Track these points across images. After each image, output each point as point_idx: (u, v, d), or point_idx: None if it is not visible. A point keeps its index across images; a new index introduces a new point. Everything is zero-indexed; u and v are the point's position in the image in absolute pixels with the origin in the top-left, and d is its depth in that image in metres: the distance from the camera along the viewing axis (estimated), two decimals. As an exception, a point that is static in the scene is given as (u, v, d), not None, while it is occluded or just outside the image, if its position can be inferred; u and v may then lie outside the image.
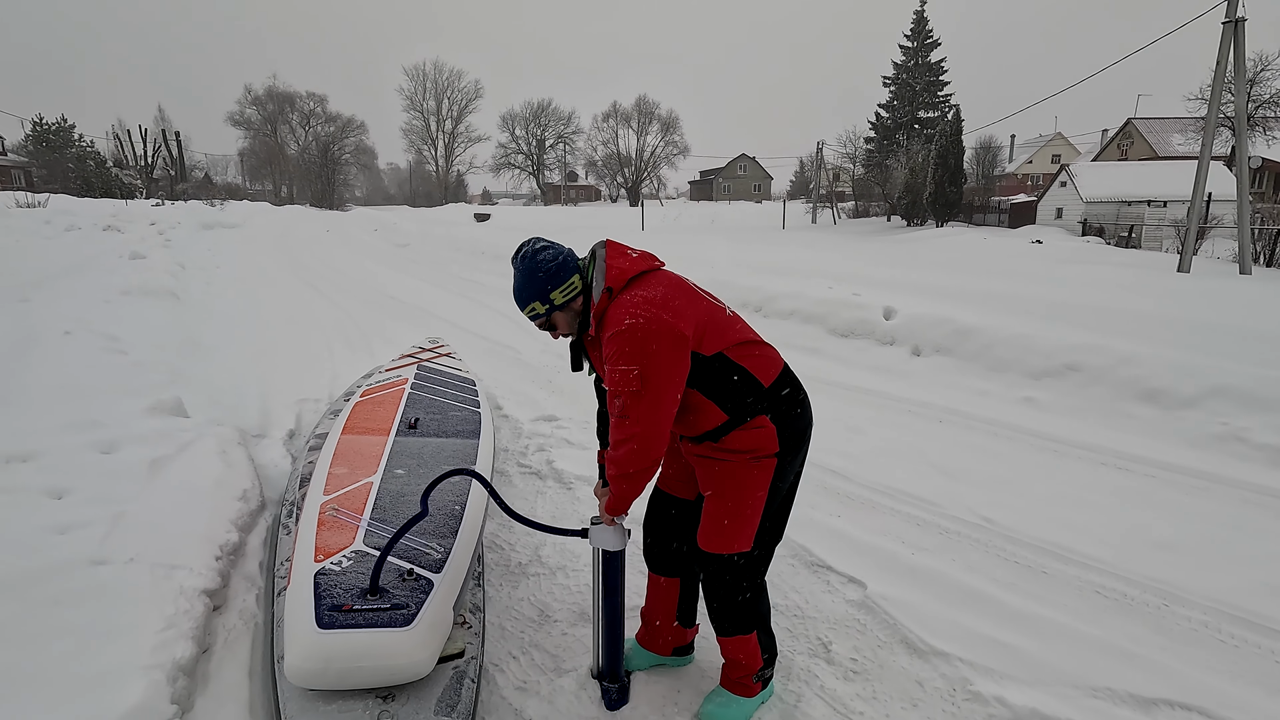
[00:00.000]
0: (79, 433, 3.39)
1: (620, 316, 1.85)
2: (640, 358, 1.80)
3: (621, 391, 1.83)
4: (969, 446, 4.36)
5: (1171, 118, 35.55)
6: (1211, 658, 2.41)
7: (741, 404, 1.93)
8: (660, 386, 1.82)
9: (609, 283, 1.92)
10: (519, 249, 2.00)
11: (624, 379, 1.82)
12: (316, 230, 26.11)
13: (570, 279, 1.96)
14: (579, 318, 2.01)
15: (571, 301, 1.98)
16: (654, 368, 1.81)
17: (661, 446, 1.88)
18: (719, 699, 2.16)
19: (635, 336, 1.81)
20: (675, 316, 1.85)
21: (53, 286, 8.14)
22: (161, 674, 1.95)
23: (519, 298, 2.00)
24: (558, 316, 2.00)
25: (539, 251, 1.97)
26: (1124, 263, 15.97)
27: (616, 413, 1.86)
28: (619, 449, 1.89)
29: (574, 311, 2.00)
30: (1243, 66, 14.60)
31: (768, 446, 1.94)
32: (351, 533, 2.31)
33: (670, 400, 1.85)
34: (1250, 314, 6.85)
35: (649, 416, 1.83)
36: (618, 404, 1.85)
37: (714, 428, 1.96)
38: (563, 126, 74.79)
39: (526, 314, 2.02)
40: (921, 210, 33.32)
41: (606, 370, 1.88)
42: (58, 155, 47.88)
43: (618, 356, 1.82)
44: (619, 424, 1.87)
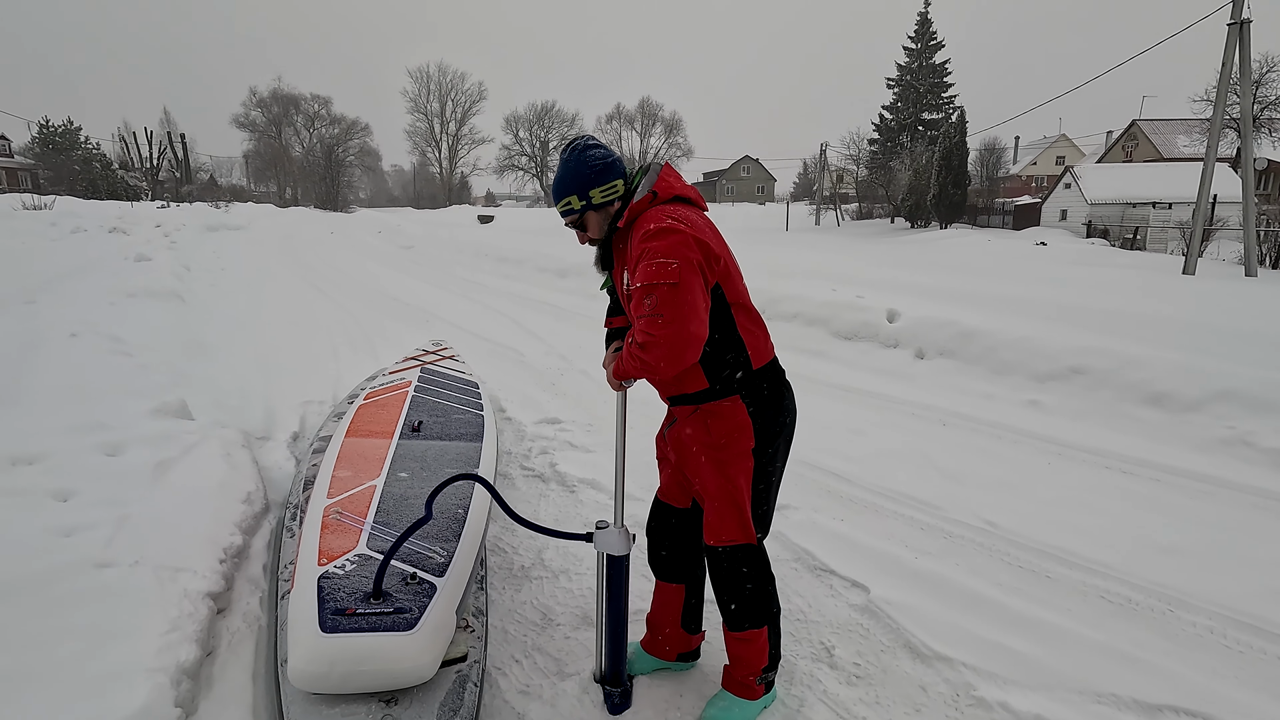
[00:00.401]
0: (84, 435, 3.40)
1: (661, 217, 1.81)
2: (679, 254, 1.75)
3: (658, 284, 1.73)
4: (973, 450, 4.35)
5: (1177, 119, 35.48)
6: (1217, 663, 2.40)
7: (726, 377, 1.93)
8: (694, 285, 1.76)
9: (656, 188, 1.90)
10: (569, 142, 1.97)
11: (661, 270, 1.73)
12: (321, 232, 26.20)
13: (613, 181, 1.93)
14: (610, 222, 1.97)
15: (609, 204, 1.95)
16: (690, 267, 1.76)
17: (697, 350, 1.78)
18: (722, 703, 2.16)
19: (676, 236, 1.77)
20: (710, 240, 1.84)
21: (59, 288, 8.18)
22: (165, 677, 1.95)
23: (557, 189, 1.96)
24: (590, 216, 1.96)
25: (589, 148, 1.94)
26: (1129, 265, 15.93)
27: (649, 310, 1.75)
28: (649, 350, 1.77)
29: (608, 215, 1.96)
30: (1248, 68, 14.56)
31: (742, 438, 1.94)
32: (355, 536, 2.31)
33: (701, 301, 1.77)
34: (1256, 316, 6.83)
35: (684, 315, 1.73)
36: (650, 301, 1.75)
37: (694, 391, 1.95)
38: (566, 128, 74.89)
39: (560, 208, 1.98)
40: (925, 212, 33.30)
41: (640, 266, 1.78)
42: (64, 157, 48.12)
43: (656, 250, 1.76)
44: (650, 322, 1.75)
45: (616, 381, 2.05)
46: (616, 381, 2.05)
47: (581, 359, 6.53)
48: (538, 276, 12.59)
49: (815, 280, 8.99)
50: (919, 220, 33.81)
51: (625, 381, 2.04)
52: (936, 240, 24.27)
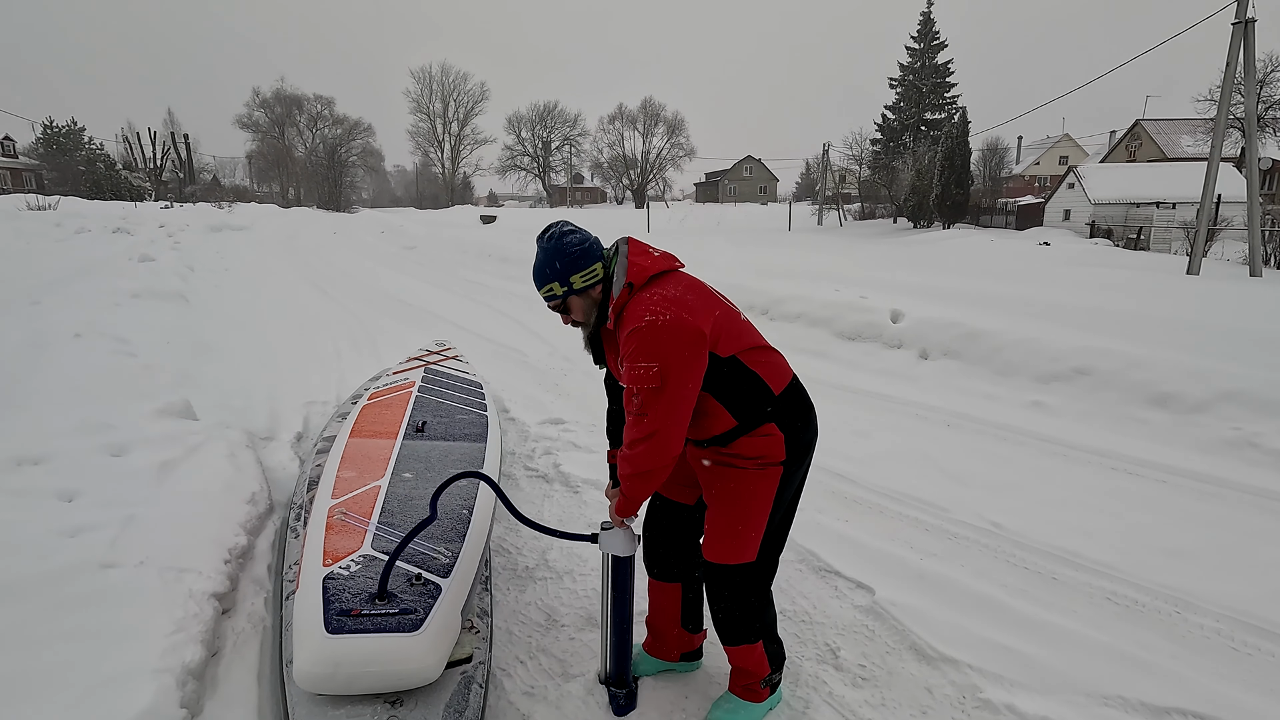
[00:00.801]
0: (89, 435, 3.41)
1: (640, 313, 1.84)
2: (660, 355, 1.80)
3: (640, 388, 1.82)
4: (977, 451, 4.34)
5: (1180, 119, 35.37)
6: (1224, 665, 2.39)
7: (752, 410, 1.93)
8: (679, 383, 1.81)
9: (630, 278, 1.92)
10: (546, 230, 2.00)
11: (643, 375, 1.81)
12: (324, 232, 26.24)
13: (593, 265, 1.96)
14: (595, 307, 2.00)
15: (591, 288, 1.97)
16: (673, 365, 1.80)
17: (678, 445, 1.87)
18: (727, 705, 2.15)
19: (655, 333, 1.80)
20: (694, 315, 1.85)
21: (63, 289, 8.20)
22: (171, 677, 1.95)
23: (538, 276, 1.99)
24: (574, 300, 1.99)
25: (566, 234, 1.96)
26: (1132, 265, 15.89)
27: (635, 410, 1.85)
28: (635, 447, 1.88)
29: (591, 300, 1.99)
30: (1253, 67, 14.51)
31: (775, 454, 1.94)
32: (359, 537, 2.31)
33: (689, 397, 1.85)
34: (1262, 317, 6.80)
35: (667, 413, 1.82)
36: (635, 402, 1.84)
37: (722, 432, 1.95)
38: (569, 129, 75.08)
39: (543, 293, 2.01)
40: (928, 212, 33.23)
41: (625, 368, 1.87)
42: (68, 158, 48.27)
43: (637, 353, 1.82)
44: (636, 422, 1.86)
45: (619, 519, 2.06)
46: (619, 519, 2.06)
47: (584, 360, 6.49)
48: (540, 277, 12.57)
49: (818, 281, 8.98)
50: (922, 220, 33.75)
51: (629, 519, 2.07)
52: (939, 240, 24.22)
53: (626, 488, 1.97)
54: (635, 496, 1.98)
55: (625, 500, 2.01)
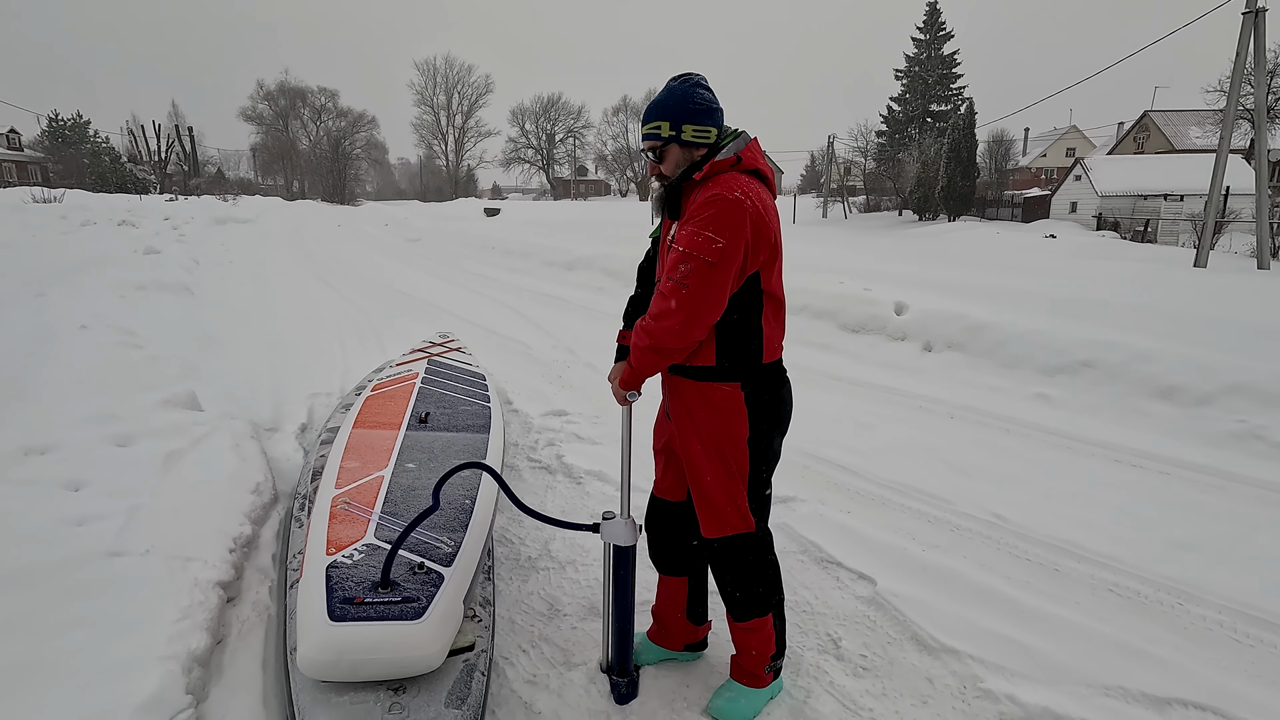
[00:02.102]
0: (95, 426, 3.43)
1: (733, 187, 1.80)
2: (730, 233, 1.76)
3: (695, 256, 1.76)
4: (981, 443, 4.33)
5: (1189, 110, 35.06)
6: (1227, 657, 2.39)
7: (734, 363, 1.92)
8: (730, 270, 1.78)
9: (743, 155, 1.89)
10: (683, 73, 1.94)
11: (705, 245, 1.76)
12: (328, 225, 26.26)
13: (710, 126, 1.90)
14: (687, 166, 1.92)
15: (695, 145, 1.91)
16: (736, 251, 1.77)
17: (704, 331, 1.84)
18: (729, 693, 2.16)
19: (739, 212, 1.77)
20: (767, 225, 1.84)
21: (69, 281, 8.23)
22: (177, 664, 1.97)
23: (654, 110, 1.91)
24: (672, 149, 1.92)
25: (699, 85, 1.91)
26: (1139, 258, 15.80)
27: (678, 276, 1.78)
28: (661, 319, 1.82)
29: (688, 158, 1.93)
30: (1263, 58, 14.37)
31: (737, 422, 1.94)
32: (363, 526, 2.33)
33: (729, 288, 1.81)
34: (1269, 310, 6.76)
35: (707, 293, 1.78)
36: (683, 269, 1.78)
37: (697, 366, 1.94)
38: (573, 121, 74.88)
39: (648, 130, 1.93)
40: (933, 204, 33.07)
41: (688, 230, 1.80)
42: (73, 151, 48.42)
43: (711, 221, 1.76)
44: (674, 290, 1.79)
45: (622, 393, 2.05)
46: (622, 393, 2.05)
47: (588, 352, 6.53)
48: (545, 270, 12.59)
49: (823, 273, 8.95)
50: (927, 213, 33.58)
51: (630, 395, 2.06)
52: (945, 233, 24.11)
53: (637, 359, 1.92)
54: (644, 371, 1.94)
55: (632, 372, 1.97)
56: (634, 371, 1.97)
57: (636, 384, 2.01)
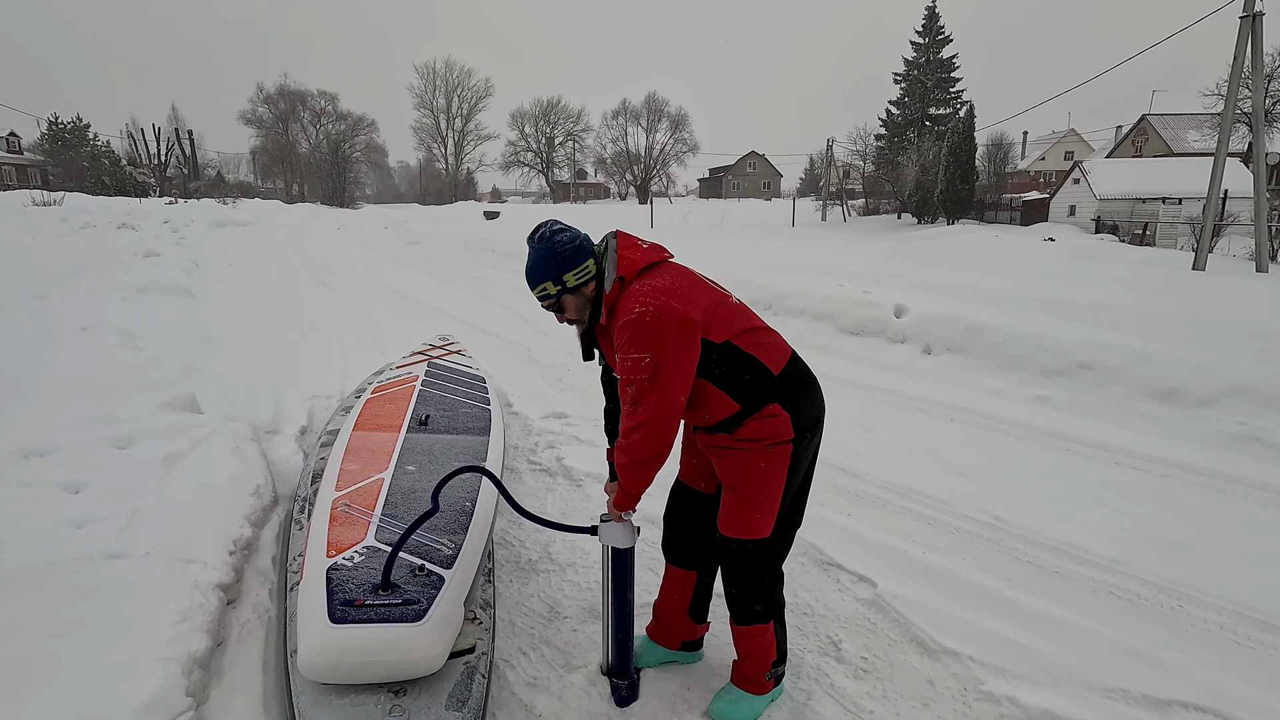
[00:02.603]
0: (95, 428, 3.43)
1: (631, 305, 1.87)
2: (652, 345, 1.82)
3: (634, 379, 1.85)
4: (981, 445, 4.34)
5: (1187, 114, 35.12)
6: (1227, 659, 2.39)
7: (753, 393, 1.94)
8: (671, 372, 1.84)
9: (620, 272, 1.94)
10: (536, 229, 2.01)
11: (636, 366, 1.83)
12: (328, 228, 26.26)
13: (585, 263, 1.97)
14: (589, 304, 2.02)
15: (584, 285, 1.99)
16: (665, 354, 1.83)
17: (672, 433, 1.90)
18: (729, 696, 2.16)
19: (646, 324, 1.83)
20: (684, 303, 1.87)
21: (69, 284, 8.24)
22: (177, 666, 1.97)
23: (531, 276, 2.00)
24: (567, 299, 2.01)
25: (556, 233, 1.97)
26: (1138, 260, 15.81)
27: (629, 400, 1.87)
28: (630, 436, 1.90)
29: (585, 297, 2.01)
30: (1260, 62, 14.40)
31: (782, 433, 1.95)
32: (363, 528, 2.33)
33: (682, 386, 1.87)
34: (1267, 312, 6.76)
35: (661, 402, 1.84)
36: (630, 392, 1.87)
37: (727, 417, 1.96)
38: (572, 124, 74.87)
39: (537, 294, 2.02)
40: (933, 208, 33.09)
41: (618, 360, 1.89)
42: (73, 154, 48.43)
43: (629, 344, 1.84)
44: (631, 412, 1.88)
45: (618, 513, 2.06)
46: (618, 513, 2.06)
47: (588, 354, 6.53)
48: (544, 272, 12.57)
49: (822, 276, 8.96)
50: (926, 216, 33.60)
51: (626, 514, 2.07)
52: (944, 236, 24.13)
53: (624, 478, 1.98)
54: (632, 487, 1.99)
55: (623, 492, 2.02)
56: (626, 491, 2.01)
57: (631, 503, 2.04)
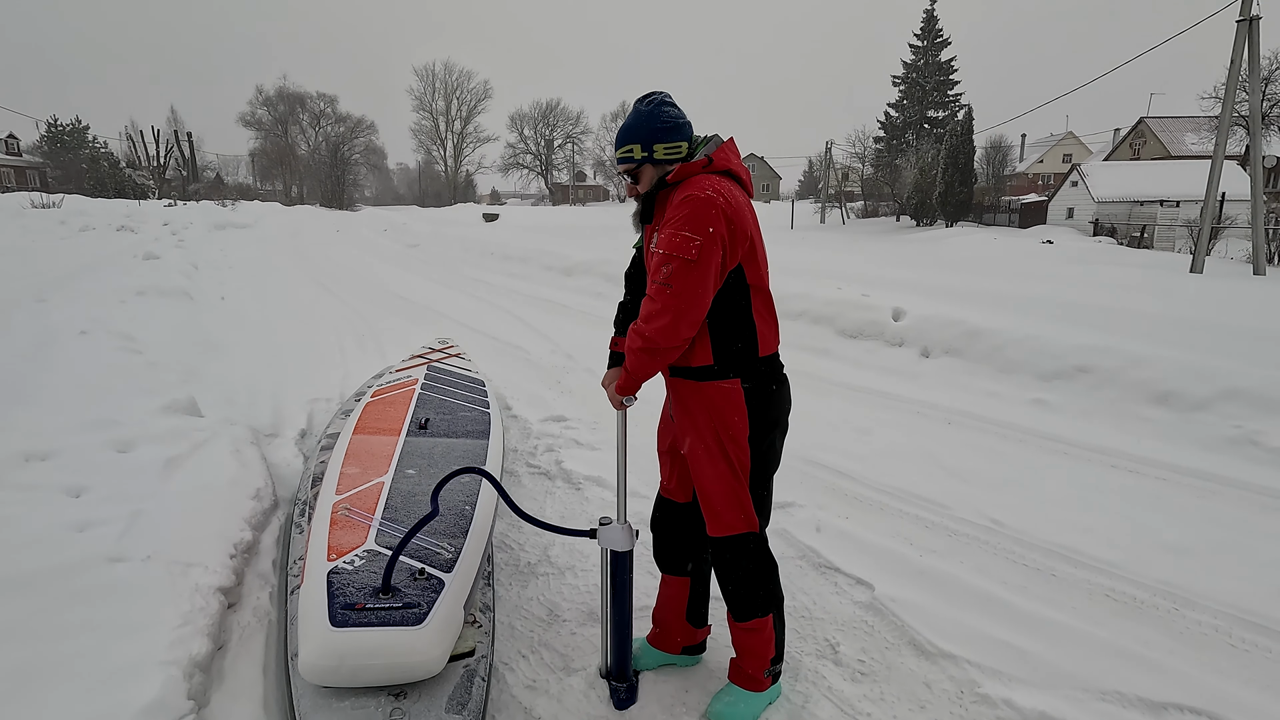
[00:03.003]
0: (96, 431, 3.44)
1: (704, 185, 1.85)
2: (705, 231, 1.80)
3: (675, 256, 1.81)
4: (978, 448, 4.35)
5: (1185, 117, 35.22)
6: (1223, 662, 2.40)
7: (731, 358, 1.95)
8: (709, 265, 1.82)
9: (714, 156, 1.93)
10: (646, 95, 1.99)
11: (684, 244, 1.80)
12: (327, 230, 26.28)
13: (679, 141, 1.95)
14: (660, 177, 1.97)
15: (669, 162, 1.96)
16: (714, 247, 1.81)
17: (693, 328, 1.87)
18: (728, 697, 2.17)
19: (712, 209, 1.81)
20: (743, 220, 1.88)
21: (69, 286, 8.24)
22: (178, 670, 1.97)
23: (624, 135, 1.96)
24: (647, 169, 1.97)
25: (664, 104, 1.96)
26: (1136, 263, 15.85)
27: (661, 279, 1.83)
28: (651, 321, 1.86)
29: (664, 172, 1.97)
30: (1257, 65, 14.46)
31: (738, 427, 1.97)
32: (363, 532, 2.34)
33: (713, 283, 1.85)
34: (1264, 315, 6.79)
35: (692, 291, 1.81)
36: (665, 270, 1.82)
37: (696, 366, 1.97)
38: (571, 126, 74.98)
39: (621, 153, 1.97)
40: (931, 210, 33.16)
41: (666, 234, 1.84)
42: (71, 156, 48.47)
43: (686, 220, 1.81)
44: (659, 292, 1.84)
45: (619, 398, 2.08)
46: (619, 398, 2.08)
47: (587, 357, 6.54)
48: (543, 275, 12.61)
49: (821, 278, 8.99)
50: (925, 218, 33.68)
51: (627, 399, 2.08)
52: (942, 238, 24.18)
53: (632, 362, 1.95)
54: (639, 374, 1.97)
55: (628, 376, 1.99)
56: (630, 375, 1.99)
57: (633, 388, 2.03)
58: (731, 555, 2.08)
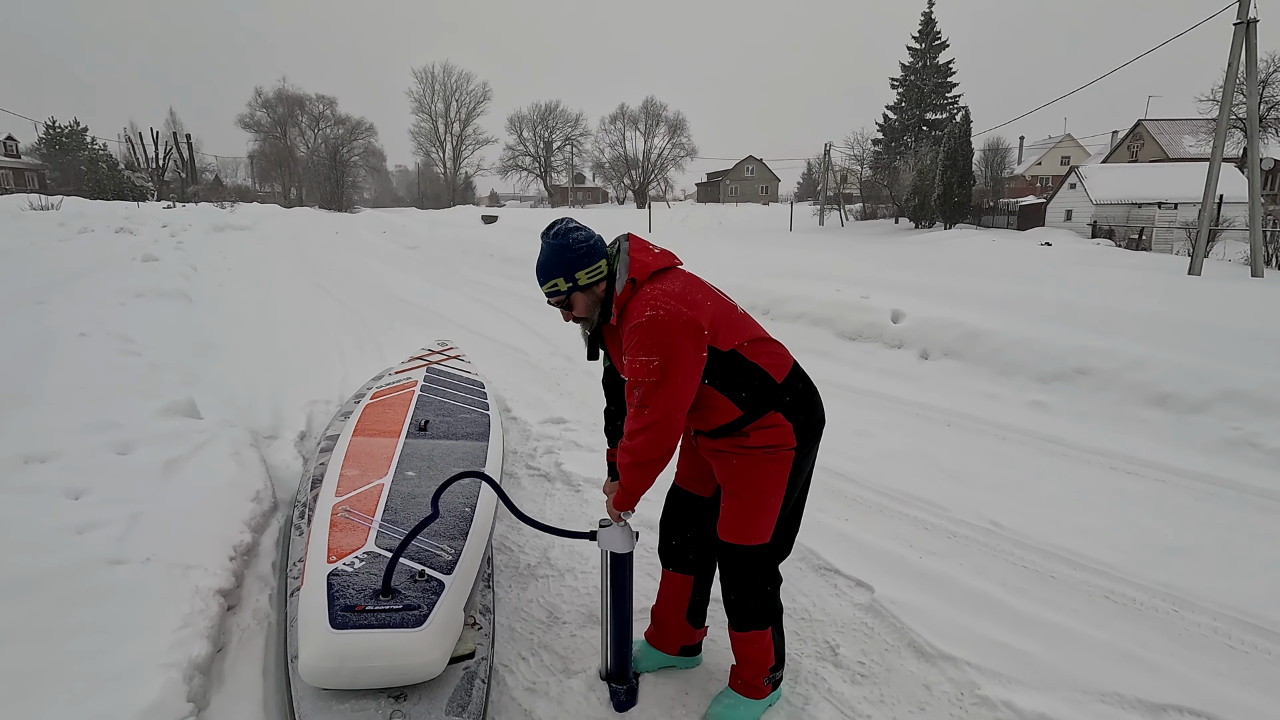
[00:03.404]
0: (95, 433, 3.43)
1: (641, 308, 1.89)
2: (660, 348, 1.85)
3: (641, 381, 1.87)
4: (977, 450, 4.36)
5: (1183, 119, 35.30)
6: (1221, 663, 2.41)
7: (755, 400, 1.96)
8: (678, 376, 1.87)
9: (633, 274, 1.96)
10: (551, 226, 2.03)
11: (644, 369, 1.86)
12: (326, 232, 26.28)
13: (598, 262, 1.99)
14: (598, 304, 2.04)
15: (595, 285, 2.00)
16: (673, 358, 1.85)
17: (676, 436, 1.92)
18: (727, 700, 2.18)
19: (656, 328, 1.85)
20: (693, 309, 1.90)
21: (68, 288, 8.23)
22: (178, 672, 1.98)
23: (543, 271, 2.01)
24: (578, 297, 2.02)
25: (571, 231, 1.99)
26: (1134, 265, 15.87)
27: (636, 402, 1.90)
28: (635, 438, 1.92)
29: (595, 296, 2.02)
30: (1255, 68, 14.50)
31: (785, 442, 1.97)
32: (363, 534, 2.34)
33: (687, 390, 1.90)
34: (1262, 317, 6.80)
35: (666, 405, 1.87)
36: (637, 394, 1.89)
37: (728, 423, 1.99)
38: (570, 129, 75.00)
39: (546, 289, 2.03)
40: (930, 212, 33.19)
41: (626, 361, 1.92)
42: (70, 158, 48.44)
43: (638, 347, 1.87)
44: (637, 414, 1.90)
45: (617, 513, 2.09)
46: (617, 513, 2.09)
47: (586, 359, 6.54)
48: (542, 277, 12.59)
49: (819, 280, 8.99)
50: (923, 220, 33.71)
51: (625, 514, 2.10)
52: (941, 240, 24.21)
53: (626, 479, 2.00)
54: (634, 488, 2.01)
55: (624, 493, 2.03)
56: (626, 491, 2.03)
57: (631, 503, 2.06)
58: (740, 565, 2.07)
